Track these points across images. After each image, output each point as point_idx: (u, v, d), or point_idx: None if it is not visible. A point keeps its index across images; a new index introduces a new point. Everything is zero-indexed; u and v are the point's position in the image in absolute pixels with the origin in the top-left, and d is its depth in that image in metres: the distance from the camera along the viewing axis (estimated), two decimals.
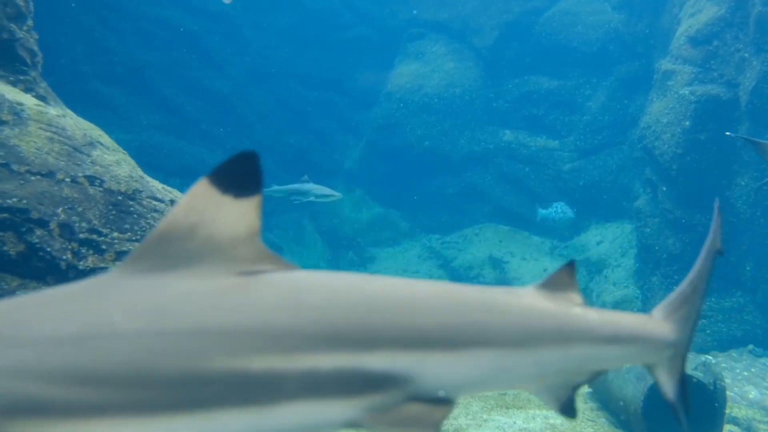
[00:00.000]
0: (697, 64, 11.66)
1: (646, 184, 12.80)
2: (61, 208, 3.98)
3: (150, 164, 8.75)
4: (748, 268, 11.00)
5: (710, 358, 10.11)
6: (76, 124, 4.78)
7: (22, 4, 5.04)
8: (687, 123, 11.41)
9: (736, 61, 11.15)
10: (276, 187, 13.35)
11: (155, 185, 4.86)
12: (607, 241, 14.34)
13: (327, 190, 13.11)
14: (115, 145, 5.16)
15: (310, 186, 13.16)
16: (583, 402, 8.38)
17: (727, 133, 10.34)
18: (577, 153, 15.98)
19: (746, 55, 10.95)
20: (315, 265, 16.94)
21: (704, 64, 11.58)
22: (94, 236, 4.09)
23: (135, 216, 4.35)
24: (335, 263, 17.05)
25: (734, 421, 7.73)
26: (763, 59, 10.61)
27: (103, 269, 4.04)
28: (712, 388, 6.81)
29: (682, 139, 11.46)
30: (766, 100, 10.63)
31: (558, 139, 16.29)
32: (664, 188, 11.87)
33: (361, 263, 16.73)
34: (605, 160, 15.59)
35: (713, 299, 11.20)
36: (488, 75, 17.19)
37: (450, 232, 16.75)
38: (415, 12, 18.22)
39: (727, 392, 7.56)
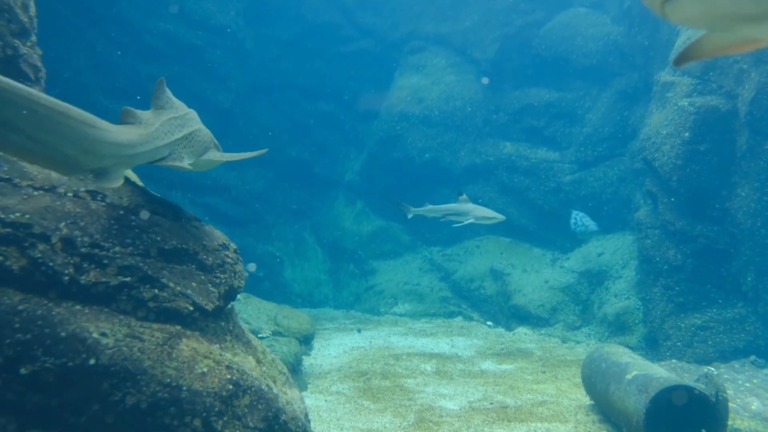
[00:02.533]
0: (696, 76, 11.72)
1: (647, 196, 12.82)
2: (63, 223, 4.01)
3: (152, 177, 8.80)
4: (749, 279, 10.99)
5: (712, 369, 10.09)
6: None
7: (26, 20, 5.09)
8: (687, 134, 11.45)
9: (734, 72, 11.20)
10: (430, 206, 12.34)
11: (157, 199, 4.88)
12: (608, 252, 14.35)
13: (488, 212, 11.75)
14: None
15: (470, 206, 11.86)
16: (585, 414, 8.38)
17: None
18: (577, 165, 16.02)
19: (745, 66, 10.99)
20: (316, 278, 16.96)
21: (703, 76, 11.64)
22: (96, 251, 4.11)
23: (137, 230, 4.37)
24: (336, 276, 17.06)
25: None
26: (761, 70, 10.65)
27: (105, 284, 4.06)
28: (714, 399, 6.80)
29: (682, 151, 11.50)
30: (765, 110, 10.65)
31: (558, 151, 16.34)
32: (665, 200, 11.89)
33: (362, 275, 16.75)
34: (605, 172, 15.63)
35: (714, 310, 11.20)
36: (488, 87, 17.26)
37: (451, 245, 16.78)
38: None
39: (730, 403, 7.55)
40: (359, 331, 13.46)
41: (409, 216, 12.49)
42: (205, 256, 4.74)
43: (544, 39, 16.74)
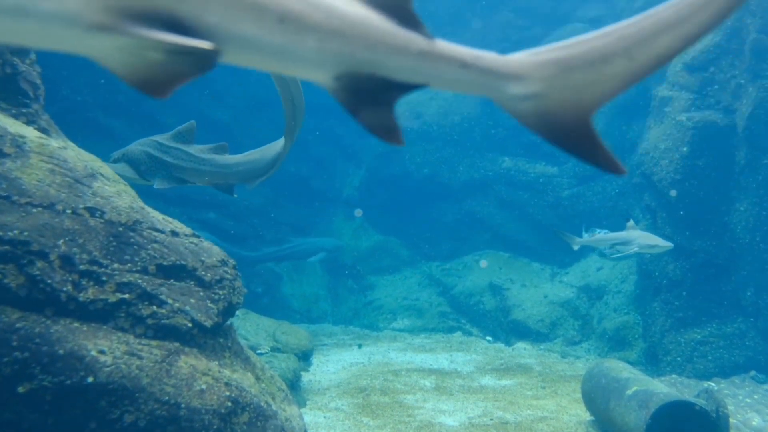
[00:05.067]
0: (694, 91, 11.75)
1: (646, 210, 12.82)
2: (61, 240, 4.00)
3: (150, 193, 8.77)
4: (748, 294, 10.98)
5: (712, 385, 10.05)
6: (78, 156, 4.82)
7: None
8: (685, 149, 11.47)
9: (732, 87, 11.24)
10: (600, 236, 11.18)
11: (156, 216, 4.88)
12: (607, 267, 14.33)
13: (654, 239, 10.42)
14: (116, 176, 5.19)
15: (636, 234, 10.56)
16: (585, 431, 8.33)
17: None
18: (576, 179, 16.04)
19: (742, 81, 11.04)
20: (314, 294, 16.91)
21: (701, 91, 11.67)
22: (95, 267, 4.10)
23: (135, 247, 4.37)
24: (335, 291, 17.03)
25: None
26: (759, 85, 10.69)
27: (104, 301, 4.05)
28: (714, 415, 6.77)
29: (681, 165, 11.51)
30: (762, 125, 10.69)
31: (557, 166, 16.35)
32: (664, 214, 11.89)
33: (361, 291, 16.71)
34: (604, 186, 15.64)
35: (714, 325, 11.17)
36: (486, 102, 17.23)
37: (450, 260, 16.74)
38: None
39: (730, 419, 7.52)
40: (360, 346, 13.40)
41: (575, 248, 11.52)
42: (203, 273, 4.73)
43: None
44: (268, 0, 1.60)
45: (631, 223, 10.63)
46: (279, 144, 7.53)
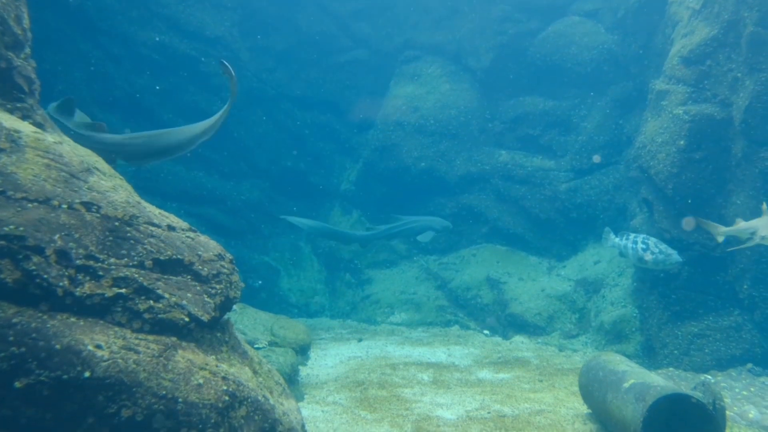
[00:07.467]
0: (691, 84, 11.75)
1: (642, 204, 12.84)
2: (57, 235, 3.99)
3: (147, 189, 8.77)
4: (745, 287, 11.00)
5: (709, 377, 10.09)
6: (74, 151, 4.80)
7: (19, 32, 5.09)
8: (682, 142, 11.47)
9: (729, 80, 11.24)
10: (743, 223, 9.88)
11: (152, 210, 4.87)
12: (605, 260, 14.35)
13: None
14: (112, 171, 5.19)
15: (765, 221, 9.33)
16: (582, 423, 8.35)
17: None
18: (573, 173, 16.04)
19: (739, 74, 11.04)
20: (312, 288, 16.93)
21: (697, 84, 11.67)
22: (91, 262, 4.10)
23: (132, 242, 4.36)
24: (332, 285, 17.04)
25: None
26: (755, 79, 10.70)
27: (100, 295, 4.04)
28: (711, 408, 6.79)
29: (677, 159, 11.52)
30: (759, 118, 10.69)
31: (554, 159, 16.36)
32: (661, 207, 11.90)
33: (359, 285, 16.72)
34: (601, 180, 15.64)
35: (711, 318, 11.19)
36: (484, 96, 17.29)
37: (447, 253, 16.76)
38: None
39: (727, 412, 7.54)
40: (360, 340, 13.41)
41: (720, 239, 10.14)
42: (200, 267, 4.73)
43: (538, 48, 16.79)
44: None
45: (765, 206, 9.30)
46: (171, 133, 8.03)
